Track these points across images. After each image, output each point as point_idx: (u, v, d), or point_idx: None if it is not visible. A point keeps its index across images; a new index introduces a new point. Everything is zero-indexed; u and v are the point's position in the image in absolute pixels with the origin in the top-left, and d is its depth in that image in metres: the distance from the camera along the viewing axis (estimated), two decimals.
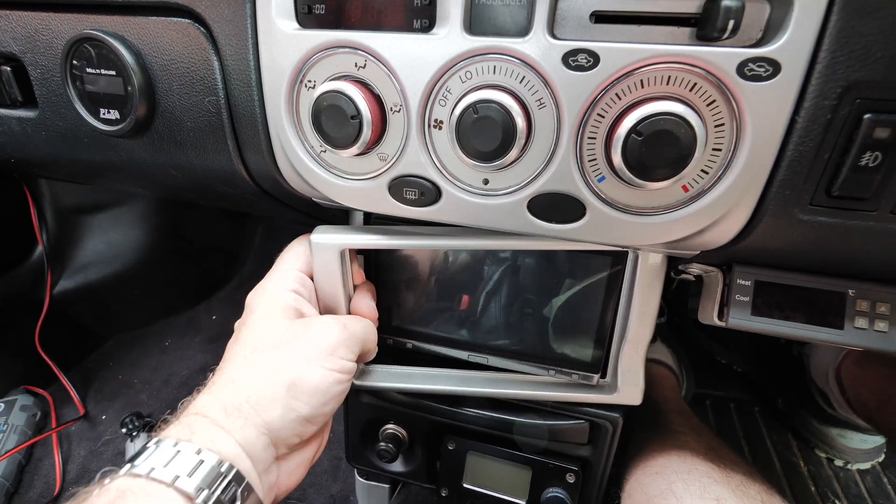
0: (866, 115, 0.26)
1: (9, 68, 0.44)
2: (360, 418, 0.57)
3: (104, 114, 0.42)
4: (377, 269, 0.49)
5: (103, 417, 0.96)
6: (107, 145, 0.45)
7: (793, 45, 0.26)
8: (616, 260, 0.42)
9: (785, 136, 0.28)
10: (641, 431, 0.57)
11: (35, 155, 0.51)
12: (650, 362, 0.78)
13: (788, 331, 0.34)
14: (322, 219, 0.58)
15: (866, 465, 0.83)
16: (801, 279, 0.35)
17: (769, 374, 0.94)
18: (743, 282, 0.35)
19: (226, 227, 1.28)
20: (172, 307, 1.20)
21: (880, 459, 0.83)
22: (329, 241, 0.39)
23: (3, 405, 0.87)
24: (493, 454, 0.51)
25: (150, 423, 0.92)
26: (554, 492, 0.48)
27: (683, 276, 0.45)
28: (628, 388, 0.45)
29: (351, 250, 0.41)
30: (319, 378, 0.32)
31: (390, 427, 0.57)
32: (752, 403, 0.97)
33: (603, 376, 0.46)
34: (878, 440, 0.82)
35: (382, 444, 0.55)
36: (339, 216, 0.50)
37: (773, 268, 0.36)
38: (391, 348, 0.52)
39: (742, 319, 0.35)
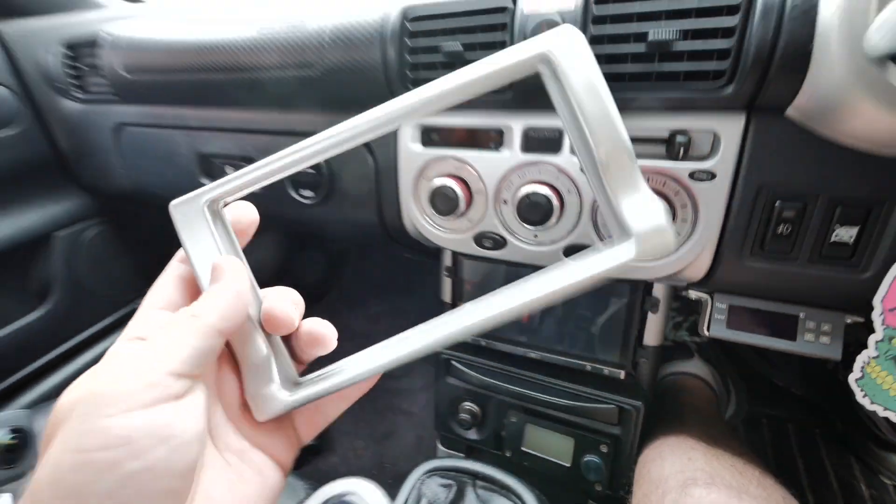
0: (777, 202, 0.42)
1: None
2: (444, 398, 0.79)
3: (303, 192, 0.71)
4: (462, 282, 0.71)
5: None
6: (301, 208, 0.74)
7: (723, 162, 0.43)
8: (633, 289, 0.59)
9: (725, 216, 0.44)
10: (662, 426, 0.65)
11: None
12: (685, 376, 0.87)
13: (754, 340, 0.48)
14: (423, 251, 0.82)
15: None
16: (763, 304, 0.48)
17: (824, 397, 0.96)
18: (720, 304, 0.50)
19: (322, 256, 1.65)
20: None
21: None
22: (189, 197, 0.27)
23: None
24: (546, 427, 0.69)
25: None
26: (591, 457, 0.64)
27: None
28: None
29: (228, 204, 0.28)
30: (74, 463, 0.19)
31: (467, 405, 0.78)
32: (812, 425, 0.97)
33: (629, 373, 0.62)
34: None
35: (462, 415, 0.76)
36: (433, 252, 0.73)
37: (742, 295, 0.50)
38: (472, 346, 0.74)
39: (719, 331, 0.50)
